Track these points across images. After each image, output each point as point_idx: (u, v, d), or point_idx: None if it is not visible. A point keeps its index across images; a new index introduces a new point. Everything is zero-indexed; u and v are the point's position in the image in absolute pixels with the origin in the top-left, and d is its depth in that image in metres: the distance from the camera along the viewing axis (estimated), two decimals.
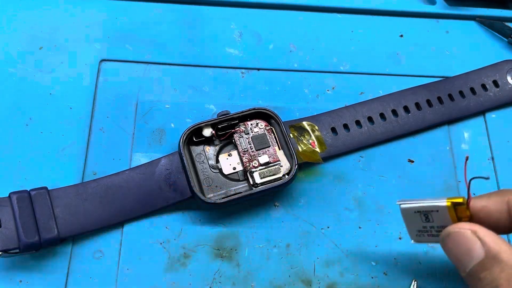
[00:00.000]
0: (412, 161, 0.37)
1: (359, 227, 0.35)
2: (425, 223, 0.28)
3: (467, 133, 0.39)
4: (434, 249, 0.34)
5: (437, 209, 0.27)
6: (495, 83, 0.40)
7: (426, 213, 0.28)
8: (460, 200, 0.27)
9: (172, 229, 0.34)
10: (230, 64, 0.40)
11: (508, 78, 0.41)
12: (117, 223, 0.33)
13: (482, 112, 0.40)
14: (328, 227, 0.35)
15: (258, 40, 0.41)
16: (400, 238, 0.35)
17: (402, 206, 0.29)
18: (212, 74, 0.39)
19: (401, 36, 0.43)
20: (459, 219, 0.27)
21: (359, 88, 0.40)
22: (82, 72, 0.38)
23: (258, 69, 0.40)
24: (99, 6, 0.41)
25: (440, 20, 0.44)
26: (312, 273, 0.33)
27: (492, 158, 0.38)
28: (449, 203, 0.27)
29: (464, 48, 0.43)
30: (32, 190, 0.32)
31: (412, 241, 0.30)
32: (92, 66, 0.38)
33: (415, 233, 0.29)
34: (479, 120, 0.40)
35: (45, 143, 0.35)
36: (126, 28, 0.40)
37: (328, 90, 0.40)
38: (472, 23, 0.44)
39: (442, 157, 0.38)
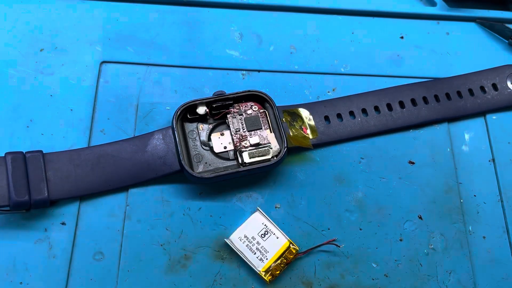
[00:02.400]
0: (413, 163, 0.37)
1: (360, 229, 0.35)
2: (260, 239, 0.33)
3: (467, 134, 0.39)
4: (435, 251, 0.34)
5: (277, 237, 0.33)
6: (494, 86, 0.40)
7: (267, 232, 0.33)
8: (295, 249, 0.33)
9: (172, 230, 0.34)
10: (231, 66, 0.40)
11: (508, 82, 0.40)
12: (107, 191, 0.34)
13: (478, 114, 0.40)
14: (328, 229, 0.35)
15: (258, 42, 0.41)
16: (401, 240, 0.35)
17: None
18: (212, 76, 0.39)
19: (402, 37, 0.43)
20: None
21: (360, 89, 0.40)
22: (83, 74, 0.38)
23: (259, 71, 0.40)
24: (100, 8, 0.41)
25: (441, 22, 0.44)
26: (313, 275, 0.33)
27: (493, 160, 0.38)
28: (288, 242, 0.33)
29: (464, 49, 0.43)
30: (27, 152, 0.32)
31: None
32: (93, 68, 0.38)
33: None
34: (479, 121, 0.40)
35: (46, 145, 0.35)
36: (127, 30, 0.40)
37: (328, 92, 0.40)
38: (472, 25, 0.44)
39: (443, 158, 0.38)
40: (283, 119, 0.36)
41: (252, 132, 0.35)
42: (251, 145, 0.34)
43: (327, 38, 0.42)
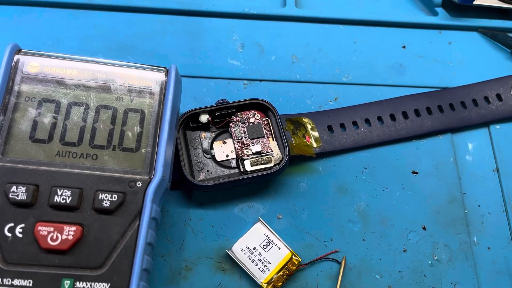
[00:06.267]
0: (416, 173, 0.37)
1: (363, 240, 0.34)
2: (262, 250, 0.32)
3: (471, 144, 0.39)
4: (440, 262, 0.34)
5: (279, 248, 0.32)
6: (499, 96, 0.40)
7: (270, 242, 0.33)
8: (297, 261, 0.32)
9: (173, 241, 0.33)
10: (232, 75, 0.40)
11: None
12: None
13: (482, 124, 0.40)
14: (331, 240, 0.34)
15: (260, 51, 0.41)
16: (404, 251, 0.34)
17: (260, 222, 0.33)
18: (214, 85, 0.39)
19: (404, 47, 0.43)
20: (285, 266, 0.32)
21: (362, 99, 0.40)
22: None
23: (260, 80, 0.40)
24: (101, 18, 0.41)
25: (443, 31, 0.44)
26: (316, 287, 0.33)
27: (497, 170, 0.38)
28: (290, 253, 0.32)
29: (466, 59, 0.43)
30: None
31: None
32: None
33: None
34: (483, 131, 0.39)
35: None
36: (128, 40, 0.40)
37: (330, 101, 0.40)
38: (474, 34, 0.44)
39: (446, 168, 0.37)
40: (286, 127, 0.36)
41: (254, 140, 0.35)
42: (253, 153, 0.34)
43: (329, 47, 0.42)
